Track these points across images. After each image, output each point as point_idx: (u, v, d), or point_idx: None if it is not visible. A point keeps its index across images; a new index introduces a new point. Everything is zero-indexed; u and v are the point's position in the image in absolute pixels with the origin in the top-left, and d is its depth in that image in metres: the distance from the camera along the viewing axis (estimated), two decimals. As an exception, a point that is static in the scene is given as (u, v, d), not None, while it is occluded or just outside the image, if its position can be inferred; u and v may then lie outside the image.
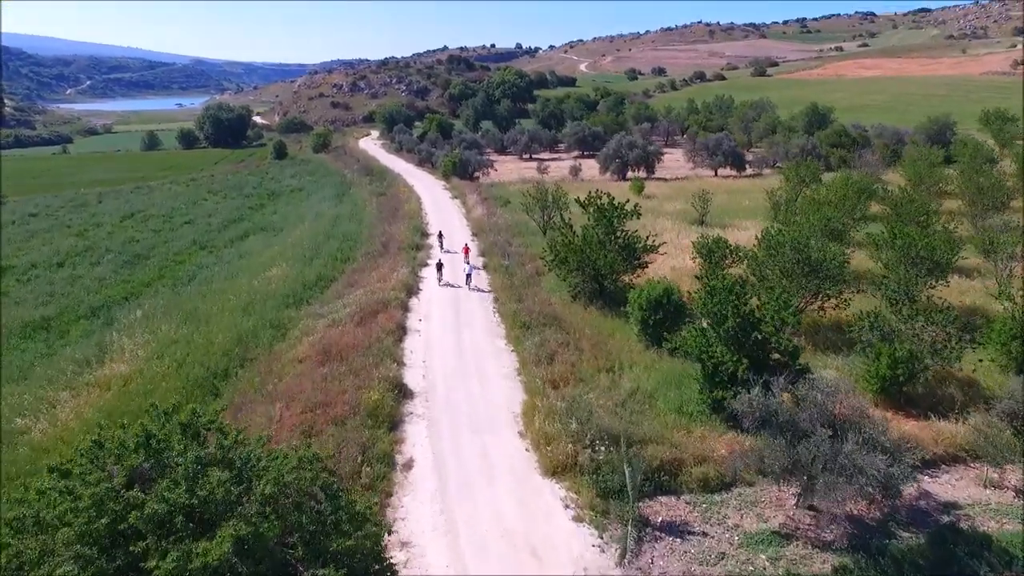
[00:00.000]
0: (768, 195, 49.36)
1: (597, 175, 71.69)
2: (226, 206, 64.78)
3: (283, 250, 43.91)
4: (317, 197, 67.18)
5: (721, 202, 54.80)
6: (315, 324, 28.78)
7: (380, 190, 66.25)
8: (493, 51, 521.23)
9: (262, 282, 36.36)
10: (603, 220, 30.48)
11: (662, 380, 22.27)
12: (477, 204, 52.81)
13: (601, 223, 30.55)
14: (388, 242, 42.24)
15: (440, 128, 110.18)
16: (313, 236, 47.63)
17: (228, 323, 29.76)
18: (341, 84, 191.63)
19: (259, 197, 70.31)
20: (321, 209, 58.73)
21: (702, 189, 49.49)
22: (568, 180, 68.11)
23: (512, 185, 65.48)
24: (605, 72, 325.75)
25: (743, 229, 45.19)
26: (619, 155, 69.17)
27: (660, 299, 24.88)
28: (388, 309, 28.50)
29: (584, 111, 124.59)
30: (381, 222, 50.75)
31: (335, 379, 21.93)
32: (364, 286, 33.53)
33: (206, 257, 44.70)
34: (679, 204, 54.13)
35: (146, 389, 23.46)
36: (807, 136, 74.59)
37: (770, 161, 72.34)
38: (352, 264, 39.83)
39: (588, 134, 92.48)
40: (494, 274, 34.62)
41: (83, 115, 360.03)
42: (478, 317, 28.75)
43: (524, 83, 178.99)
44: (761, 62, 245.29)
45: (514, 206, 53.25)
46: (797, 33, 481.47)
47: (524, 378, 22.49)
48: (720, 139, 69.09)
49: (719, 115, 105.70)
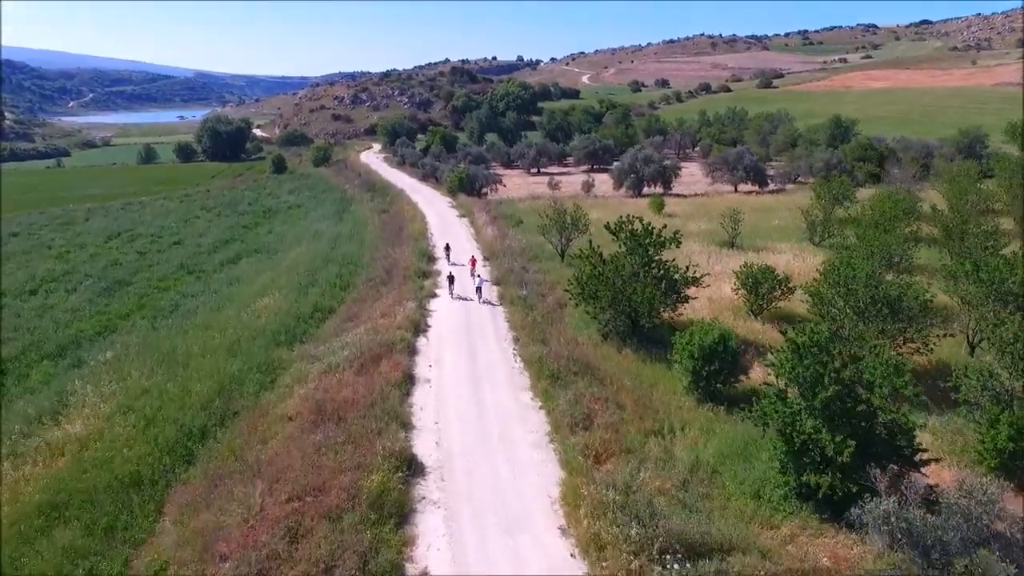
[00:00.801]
0: (803, 214, 45.72)
1: (610, 191, 68.14)
2: (219, 225, 61.14)
3: (277, 276, 40.18)
4: (316, 215, 63.57)
5: (748, 221, 51.03)
6: (309, 369, 24.97)
7: (382, 207, 62.67)
8: (495, 63, 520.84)
9: (251, 315, 32.60)
10: (638, 249, 26.69)
11: (725, 448, 18.41)
12: (487, 224, 49.11)
13: (635, 252, 26.76)
14: (392, 268, 38.48)
15: (444, 141, 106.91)
16: (310, 259, 43.95)
17: (210, 367, 25.94)
18: (343, 96, 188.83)
19: (254, 215, 66.70)
20: (320, 228, 55.08)
21: (732, 208, 45.71)
22: (581, 196, 64.50)
23: (522, 202, 61.90)
24: (608, 84, 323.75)
25: (778, 252, 41.46)
26: (634, 170, 65.61)
27: (714, 346, 21.07)
28: (393, 353, 24.65)
29: (592, 124, 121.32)
30: (384, 243, 47.06)
31: (330, 450, 18.07)
32: (365, 321, 29.74)
33: (193, 284, 40.95)
34: (704, 223, 50.43)
35: (106, 457, 19.62)
36: (831, 150, 71.00)
37: (792, 176, 68.72)
38: (352, 292, 36.10)
39: (599, 147, 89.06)
40: (511, 307, 30.79)
41: (84, 128, 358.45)
42: (497, 361, 24.89)
43: (528, 95, 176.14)
44: (767, 74, 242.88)
45: (527, 226, 49.56)
46: (799, 45, 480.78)
47: (559, 447, 18.62)
48: (741, 153, 65.54)
49: (732, 128, 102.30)
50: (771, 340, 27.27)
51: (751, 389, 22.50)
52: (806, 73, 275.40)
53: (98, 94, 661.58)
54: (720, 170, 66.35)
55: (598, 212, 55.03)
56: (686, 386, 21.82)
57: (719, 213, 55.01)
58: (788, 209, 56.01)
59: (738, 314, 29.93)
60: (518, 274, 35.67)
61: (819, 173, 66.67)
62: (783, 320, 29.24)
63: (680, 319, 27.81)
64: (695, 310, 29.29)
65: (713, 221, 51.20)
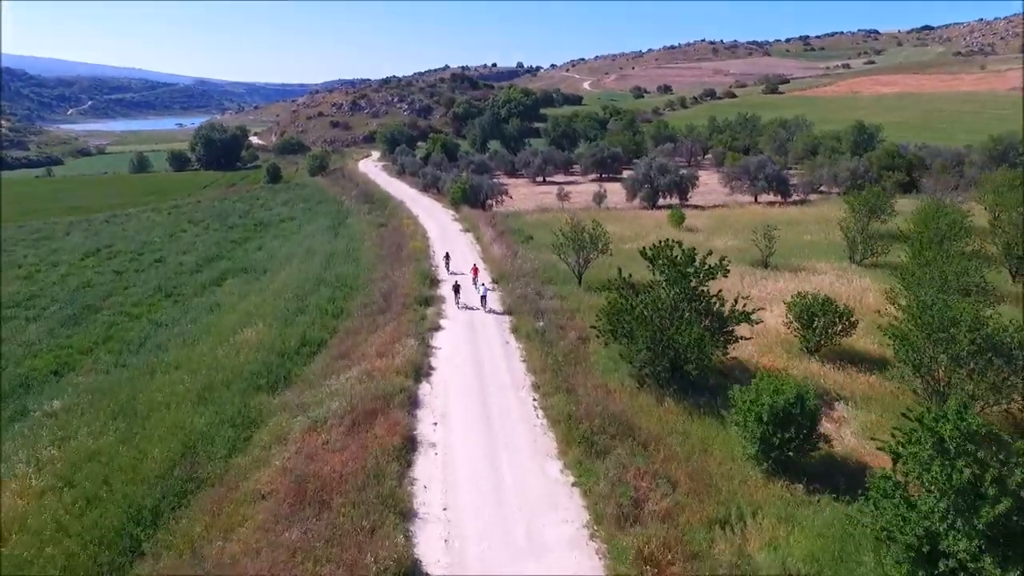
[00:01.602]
0: (842, 230, 41.73)
1: (623, 202, 64.21)
2: (206, 240, 57.12)
3: (262, 301, 36.11)
4: (310, 229, 59.58)
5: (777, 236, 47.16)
6: (291, 425, 20.95)
7: (381, 220, 58.73)
8: (494, 70, 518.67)
9: (230, 350, 28.53)
10: (680, 279, 22.64)
11: (816, 548, 14.32)
12: (494, 241, 45.10)
13: (677, 283, 22.71)
14: (390, 292, 34.42)
15: (445, 149, 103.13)
16: (301, 281, 39.93)
17: (173, 422, 21.89)
18: (341, 103, 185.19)
19: (244, 228, 62.70)
20: (313, 245, 51.07)
21: (765, 224, 41.68)
22: (592, 208, 60.56)
23: (530, 215, 57.95)
24: (610, 90, 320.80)
25: (818, 273, 37.41)
26: (648, 180, 61.65)
27: (789, 408, 16.99)
28: (390, 408, 20.57)
29: (598, 130, 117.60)
30: (382, 262, 43.07)
31: (309, 555, 13.98)
32: (359, 360, 25.69)
33: (169, 310, 36.87)
34: (729, 239, 46.42)
35: (22, 559, 15.48)
36: (856, 158, 67.09)
37: (814, 185, 64.75)
38: (346, 321, 32.05)
39: (607, 155, 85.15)
40: (527, 342, 26.74)
41: (81, 135, 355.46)
42: (515, 417, 20.77)
43: (531, 101, 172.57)
44: (772, 79, 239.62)
45: (538, 243, 45.55)
46: (800, 51, 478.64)
47: (603, 548, 14.51)
48: (763, 161, 61.60)
49: (744, 134, 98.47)
50: (834, 384, 23.26)
51: (829, 455, 18.53)
52: (811, 79, 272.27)
53: (97, 101, 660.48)
54: (739, 179, 62.39)
55: (613, 226, 51.07)
56: (752, 455, 17.72)
57: (744, 227, 51.13)
58: (817, 222, 52.09)
59: (790, 351, 25.88)
60: (532, 301, 31.62)
61: (844, 183, 62.79)
62: (844, 360, 25.19)
63: (725, 359, 23.73)
64: (739, 345, 25.25)
65: (739, 236, 47.25)
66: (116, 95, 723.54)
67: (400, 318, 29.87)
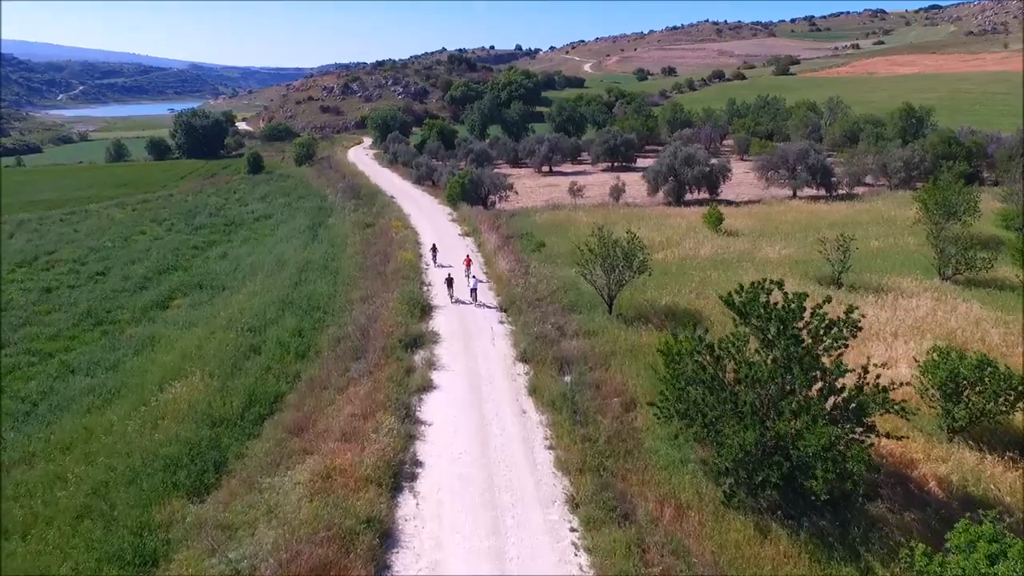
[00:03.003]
0: (930, 239, 34.15)
1: (643, 196, 56.45)
2: (165, 244, 49.41)
3: (210, 334, 28.57)
4: (286, 230, 51.85)
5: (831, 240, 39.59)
6: (201, 573, 13.54)
7: (368, 219, 51.03)
8: (492, 53, 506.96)
9: (148, 418, 21.10)
10: (790, 346, 15.00)
11: None
12: (499, 249, 37.48)
13: (785, 349, 15.10)
14: (370, 326, 26.90)
15: (441, 135, 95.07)
16: (264, 304, 32.38)
17: (31, 564, 14.50)
18: (332, 87, 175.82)
19: (212, 229, 54.95)
20: (286, 251, 43.43)
21: (821, 226, 34.02)
22: (609, 205, 52.87)
23: (539, 213, 50.18)
24: (612, 73, 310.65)
25: (909, 295, 29.77)
26: (673, 172, 53.82)
27: None
28: (349, 560, 13.12)
29: (607, 115, 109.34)
30: (365, 276, 35.54)
31: None
32: (318, 444, 18.35)
33: (92, 345, 29.32)
34: (780, 245, 38.76)
35: None
36: (907, 145, 59.26)
37: (859, 177, 56.90)
38: (311, 366, 24.62)
39: (619, 142, 77.10)
40: (552, 413, 19.29)
41: (69, 121, 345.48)
42: (546, 562, 13.37)
43: (532, 84, 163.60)
44: (782, 60, 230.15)
45: (552, 251, 37.98)
46: (806, 31, 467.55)
47: None
48: (805, 150, 53.66)
49: (768, 118, 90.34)
50: (1009, 489, 15.89)
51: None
52: (821, 59, 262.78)
53: (88, 87, 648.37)
54: (777, 170, 54.57)
55: (637, 228, 43.41)
56: None
57: (792, 229, 43.42)
58: (876, 223, 44.40)
59: (920, 426, 18.39)
60: (553, 341, 24.12)
61: (897, 175, 55.04)
62: (1001, 442, 17.76)
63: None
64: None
65: (792, 242, 39.64)
66: (108, 80, 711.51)
67: (378, 371, 22.32)
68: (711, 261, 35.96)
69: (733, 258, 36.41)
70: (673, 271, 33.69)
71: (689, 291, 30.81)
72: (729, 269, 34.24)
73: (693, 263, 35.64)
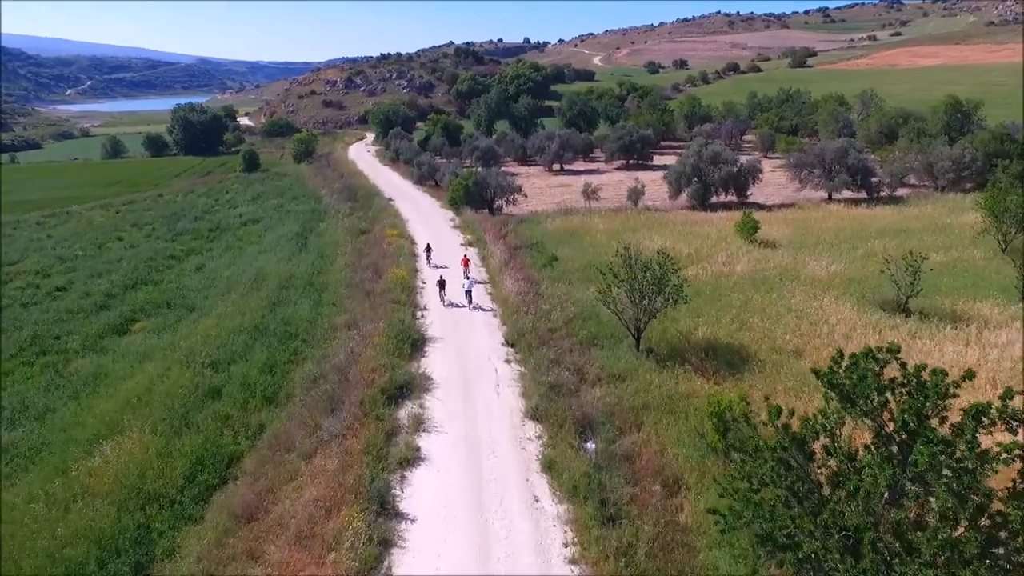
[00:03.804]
0: (1011, 255, 29.26)
1: (663, 199, 51.57)
2: (140, 252, 45.14)
3: (164, 371, 24.23)
4: (274, 236, 47.45)
5: (878, 251, 34.75)
6: None
7: (363, 226, 46.56)
8: (500, 46, 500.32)
9: (62, 496, 16.80)
10: (934, 453, 10.28)
11: None
12: (505, 265, 32.85)
13: (930, 458, 10.38)
14: (350, 366, 22.40)
15: (446, 131, 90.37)
16: (233, 329, 28.04)
17: None
18: (335, 80, 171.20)
19: (195, 235, 50.63)
20: (269, 263, 38.99)
21: (912, 255, 29.18)
22: (627, 209, 48.10)
23: (550, 219, 45.49)
24: (622, 66, 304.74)
25: (995, 326, 24.87)
26: (698, 172, 48.94)
27: None
28: None
29: (620, 109, 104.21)
30: (353, 296, 31.09)
31: None
32: (265, 550, 13.98)
33: (29, 383, 25.00)
34: (826, 259, 33.86)
35: None
36: (952, 141, 54.08)
37: (900, 177, 51.76)
38: (276, 422, 20.23)
39: (635, 139, 72.15)
40: (573, 504, 14.75)
41: (74, 116, 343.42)
42: None
43: (541, 77, 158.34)
44: (798, 52, 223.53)
45: (565, 265, 33.36)
46: (820, 23, 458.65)
47: None
48: (844, 148, 48.58)
49: (792, 112, 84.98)
50: None
51: None
52: (837, 51, 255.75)
53: (96, 81, 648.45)
54: (812, 170, 49.57)
55: (660, 237, 38.73)
56: None
57: (836, 239, 38.44)
58: (931, 231, 39.38)
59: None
60: (569, 392, 19.55)
61: (945, 175, 49.94)
62: None
63: None
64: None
65: (838, 255, 34.76)
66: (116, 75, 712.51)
67: (353, 436, 17.80)
68: (749, 279, 31.22)
69: (774, 275, 31.64)
70: (707, 292, 28.98)
71: (729, 319, 26.13)
72: (772, 290, 29.52)
73: (729, 282, 30.92)
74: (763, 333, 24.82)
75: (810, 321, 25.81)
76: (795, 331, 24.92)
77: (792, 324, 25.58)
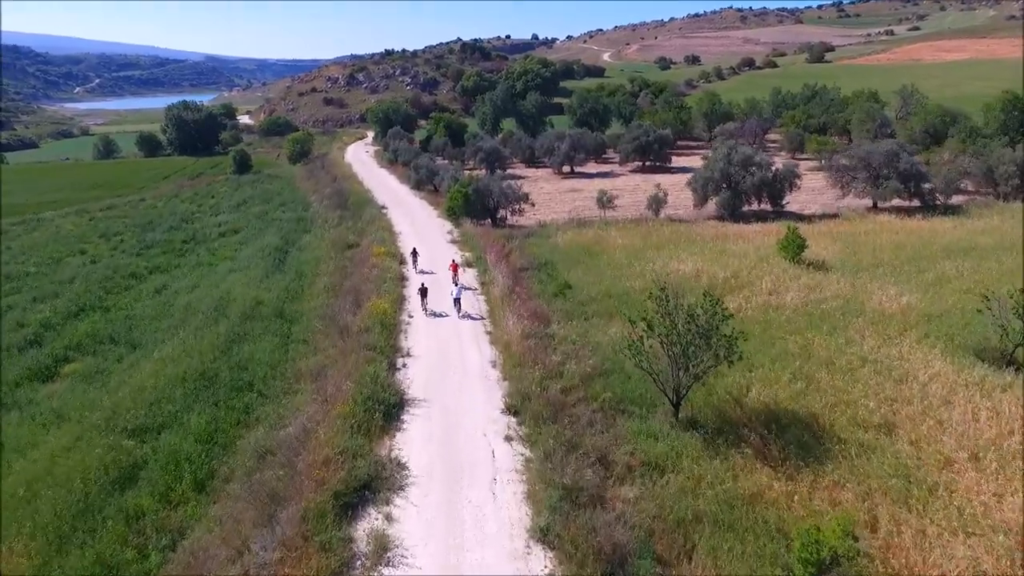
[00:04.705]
0: None
1: (686, 207, 46.06)
2: (98, 270, 40.10)
3: (70, 446, 19.18)
4: (251, 251, 42.32)
5: (944, 274, 29.15)
6: None
7: (350, 238, 41.38)
8: (508, 42, 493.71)
9: None
10: None
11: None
12: (509, 294, 27.42)
13: None
14: (301, 449, 17.13)
15: (449, 130, 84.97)
16: (175, 379, 22.95)
17: None
18: (337, 77, 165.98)
19: (165, 248, 45.61)
20: (237, 286, 33.82)
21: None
22: (649, 221, 42.60)
23: (561, 232, 40.04)
24: (632, 62, 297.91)
25: None
26: (727, 178, 43.37)
27: None
28: None
29: (634, 107, 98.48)
30: (327, 331, 25.90)
31: None
32: None
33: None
34: (894, 287, 28.22)
35: None
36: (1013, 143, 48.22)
37: (954, 183, 45.91)
38: (199, 527, 15.13)
39: (652, 139, 66.54)
40: None
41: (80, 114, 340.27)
42: None
43: (550, 73, 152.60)
44: (815, 47, 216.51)
45: (580, 294, 27.96)
46: (835, 18, 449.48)
47: None
48: (893, 151, 42.84)
49: (820, 110, 78.99)
50: None
51: None
52: (855, 46, 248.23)
53: (104, 79, 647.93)
54: (858, 176, 43.90)
55: (689, 258, 33.16)
56: None
57: (896, 259, 32.67)
58: (1008, 250, 33.54)
59: None
60: (592, 497, 14.24)
61: (1009, 181, 44.14)
62: None
63: None
64: None
65: (904, 279, 29.11)
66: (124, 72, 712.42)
67: (290, 566, 12.50)
68: (804, 313, 25.72)
69: (834, 309, 26.10)
70: (756, 333, 23.46)
71: (789, 374, 20.67)
72: (835, 330, 24.02)
73: (780, 317, 25.43)
74: (836, 396, 19.39)
75: (894, 378, 20.33)
76: (877, 393, 19.47)
77: (871, 382, 20.11)
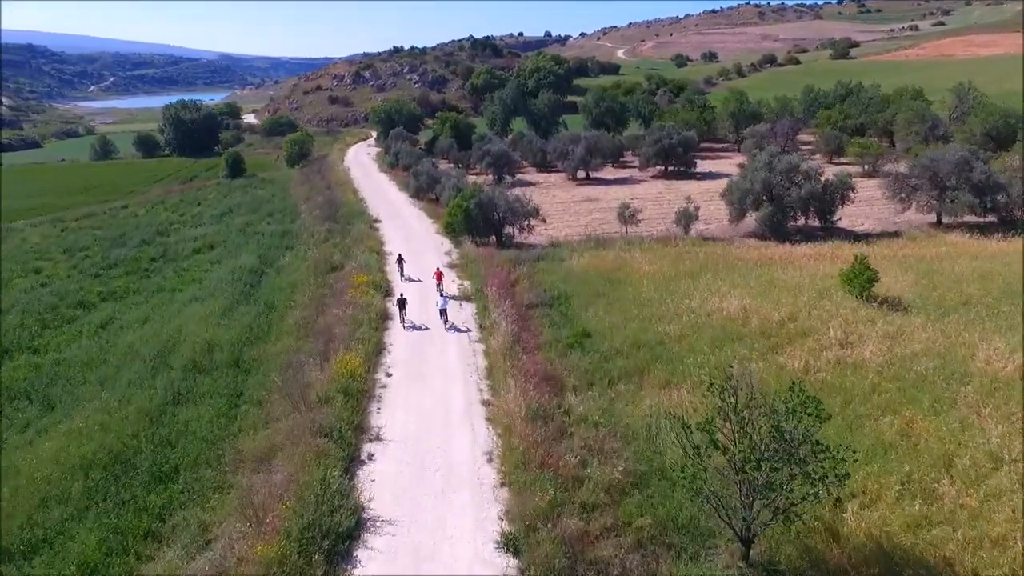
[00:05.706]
0: None
1: (722, 222, 40.25)
2: (45, 296, 35.03)
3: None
4: (222, 272, 37.07)
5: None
6: None
7: (335, 259, 35.99)
8: (521, 40, 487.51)
9: None
10: None
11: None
12: (512, 345, 21.79)
13: None
14: None
15: (456, 130, 79.41)
16: (78, 465, 17.85)
17: None
18: (343, 75, 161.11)
19: (129, 267, 40.57)
20: (192, 321, 28.52)
21: None
22: (679, 240, 36.77)
23: (576, 253, 34.29)
24: (648, 59, 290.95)
25: None
26: (768, 190, 37.47)
27: None
28: None
29: (653, 106, 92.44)
30: (288, 388, 20.40)
31: None
32: None
33: None
34: (1000, 337, 22.23)
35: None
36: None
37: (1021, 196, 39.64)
38: None
39: (676, 142, 60.64)
40: None
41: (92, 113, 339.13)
42: None
43: (563, 70, 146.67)
44: (839, 43, 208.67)
45: (602, 345, 22.24)
46: (855, 13, 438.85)
47: None
48: (965, 159, 36.74)
49: (858, 110, 72.57)
50: None
51: None
52: (880, 42, 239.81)
53: (119, 78, 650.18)
54: (921, 187, 37.86)
55: (730, 285, 27.41)
56: None
57: (988, 295, 26.80)
58: None
59: None
60: None
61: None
62: None
63: None
64: None
65: (1007, 324, 23.18)
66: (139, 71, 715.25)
67: None
68: (892, 377, 19.80)
69: (930, 371, 20.06)
70: (835, 407, 17.56)
71: (898, 483, 14.89)
72: (940, 405, 18.11)
73: (863, 383, 19.53)
74: (971, 526, 13.60)
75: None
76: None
77: (1015, 499, 14.31)
